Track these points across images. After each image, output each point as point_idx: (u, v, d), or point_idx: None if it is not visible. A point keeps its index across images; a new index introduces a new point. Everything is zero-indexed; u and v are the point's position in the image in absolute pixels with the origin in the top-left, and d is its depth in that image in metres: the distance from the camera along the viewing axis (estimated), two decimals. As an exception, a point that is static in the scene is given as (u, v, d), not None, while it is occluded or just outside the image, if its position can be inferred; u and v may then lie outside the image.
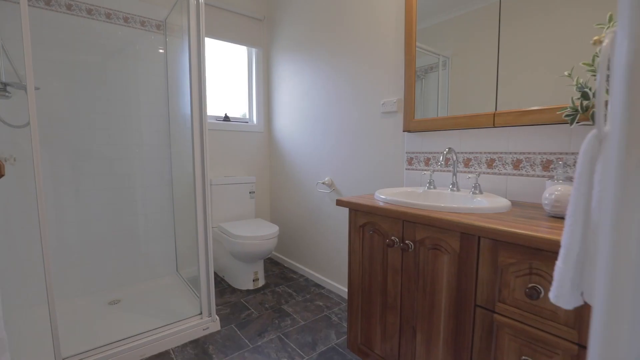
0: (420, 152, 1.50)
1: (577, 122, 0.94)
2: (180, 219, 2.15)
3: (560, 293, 0.48)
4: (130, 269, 2.06)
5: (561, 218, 0.88)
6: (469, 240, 0.87)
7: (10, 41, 1.55)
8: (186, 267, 2.21)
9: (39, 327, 1.57)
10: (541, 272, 0.74)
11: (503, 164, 1.22)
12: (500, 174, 1.23)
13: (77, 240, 1.87)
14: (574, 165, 1.05)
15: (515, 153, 1.18)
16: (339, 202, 1.25)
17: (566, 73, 0.98)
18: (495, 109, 1.20)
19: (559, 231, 0.74)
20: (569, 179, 0.96)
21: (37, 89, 1.59)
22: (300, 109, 2.28)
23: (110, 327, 1.56)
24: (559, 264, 0.49)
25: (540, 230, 0.74)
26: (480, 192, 1.18)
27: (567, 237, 0.48)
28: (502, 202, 1.00)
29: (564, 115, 0.96)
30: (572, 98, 0.95)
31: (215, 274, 2.36)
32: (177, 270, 2.24)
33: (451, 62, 1.36)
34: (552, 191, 0.91)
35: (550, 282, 0.72)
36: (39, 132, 1.72)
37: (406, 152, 1.56)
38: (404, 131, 1.52)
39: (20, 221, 1.68)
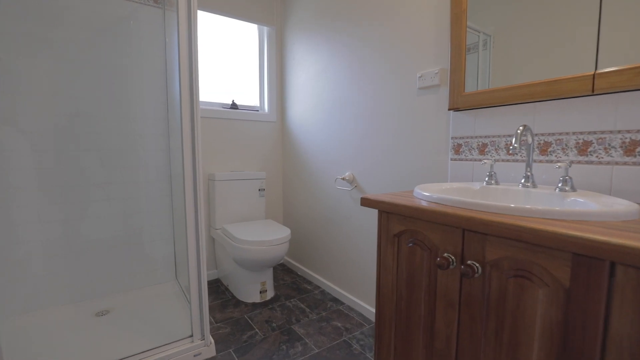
0: (472, 137, 1.13)
1: None
2: (179, 219, 1.89)
3: None
4: (125, 274, 1.82)
5: None
6: (591, 268, 0.51)
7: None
8: (185, 273, 1.95)
9: (18, 339, 1.34)
10: None
11: (606, 149, 0.84)
12: (600, 162, 0.85)
13: (65, 241, 1.65)
14: None
15: (629, 132, 0.80)
16: (365, 202, 0.92)
17: None
18: (596, 69, 0.82)
19: None
20: None
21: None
22: (317, 92, 1.96)
23: (87, 346, 1.31)
24: None
25: None
26: (573, 189, 0.81)
27: None
28: (624, 204, 0.63)
29: None
30: None
31: (220, 282, 2.08)
32: (176, 277, 1.99)
33: (493, 40, 1.00)
34: None
35: None
36: (15, 121, 1.52)
37: (452, 138, 1.20)
38: (449, 109, 1.16)
39: (-6, 219, 1.48)
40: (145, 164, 1.83)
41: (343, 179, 1.75)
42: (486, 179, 0.98)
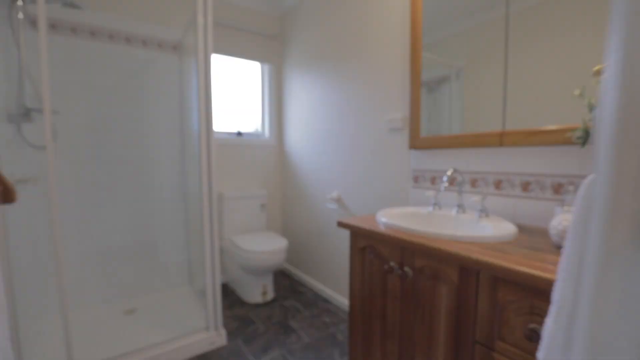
0: (426, 170, 1.46)
1: (588, 144, 0.89)
2: (194, 232, 2.21)
3: (550, 356, 0.44)
4: (148, 278, 2.13)
5: (569, 250, 0.82)
6: (468, 273, 0.83)
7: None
8: (199, 279, 2.27)
9: (59, 334, 1.65)
10: (542, 313, 0.69)
11: (511, 186, 1.16)
12: (508, 195, 1.17)
13: (97, 250, 1.97)
14: (588, 190, 0.98)
15: (524, 174, 1.12)
16: (341, 225, 1.24)
17: (577, 92, 0.92)
18: (503, 128, 1.15)
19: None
20: (581, 206, 0.90)
21: (55, 112, 1.70)
22: (310, 124, 2.30)
23: (123, 337, 1.62)
24: (548, 322, 0.45)
25: (543, 268, 0.70)
26: (487, 215, 1.13)
27: (559, 294, 0.44)
28: (508, 229, 0.95)
29: (574, 137, 0.91)
30: (583, 119, 0.90)
31: (227, 286, 2.40)
32: (190, 282, 2.30)
33: (463, 75, 1.32)
34: (560, 221, 0.85)
35: (551, 325, 0.68)
36: (62, 150, 1.86)
37: (412, 170, 1.52)
38: (409, 148, 1.49)
39: (45, 230, 1.80)
40: (165, 185, 2.16)
41: (331, 198, 2.08)
42: (433, 204, 1.30)
